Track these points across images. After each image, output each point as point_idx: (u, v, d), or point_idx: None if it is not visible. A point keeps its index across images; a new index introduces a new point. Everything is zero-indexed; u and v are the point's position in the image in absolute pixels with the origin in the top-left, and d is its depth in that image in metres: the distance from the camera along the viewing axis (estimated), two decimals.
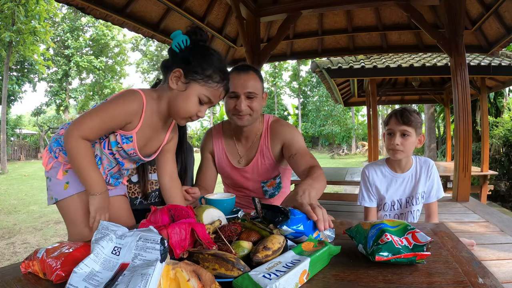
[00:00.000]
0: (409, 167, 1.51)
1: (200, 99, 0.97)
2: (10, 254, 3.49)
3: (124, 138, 0.99)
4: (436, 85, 7.35)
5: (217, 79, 0.97)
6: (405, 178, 1.51)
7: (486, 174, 5.47)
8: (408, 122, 1.40)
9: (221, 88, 0.99)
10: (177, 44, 0.95)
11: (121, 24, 3.31)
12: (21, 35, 12.20)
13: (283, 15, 3.60)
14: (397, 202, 1.52)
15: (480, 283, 0.60)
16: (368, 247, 0.71)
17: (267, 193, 1.52)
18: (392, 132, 1.44)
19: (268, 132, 1.44)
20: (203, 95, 0.97)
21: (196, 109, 0.98)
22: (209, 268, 0.61)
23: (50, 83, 22.20)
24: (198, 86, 0.96)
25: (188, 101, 0.96)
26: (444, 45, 3.11)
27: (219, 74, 0.97)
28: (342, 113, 24.18)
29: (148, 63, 28.41)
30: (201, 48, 0.98)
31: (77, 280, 0.54)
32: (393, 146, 1.42)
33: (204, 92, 0.96)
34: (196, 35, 0.97)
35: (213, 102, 1.00)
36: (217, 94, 0.99)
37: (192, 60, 0.95)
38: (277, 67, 27.83)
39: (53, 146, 1.04)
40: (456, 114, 3.06)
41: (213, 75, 0.96)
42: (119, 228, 0.64)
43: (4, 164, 11.98)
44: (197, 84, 0.95)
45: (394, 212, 1.52)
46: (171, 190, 1.15)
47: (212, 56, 0.98)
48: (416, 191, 1.49)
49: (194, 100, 0.96)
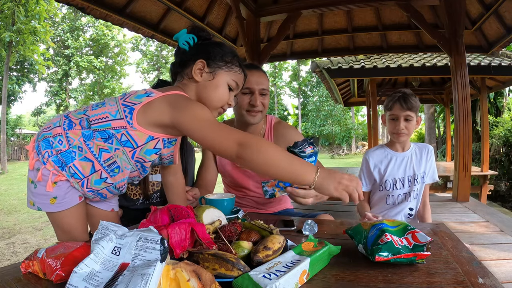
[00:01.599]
0: (408, 147, 1.58)
1: (229, 85, 0.96)
2: (10, 254, 3.49)
3: (166, 142, 0.93)
4: (436, 85, 7.35)
5: (237, 63, 0.97)
6: (405, 157, 1.56)
7: (486, 174, 5.47)
8: (412, 107, 1.46)
9: (242, 72, 0.99)
10: (185, 42, 0.95)
11: (121, 24, 3.31)
12: (21, 35, 12.19)
13: (283, 15, 3.60)
14: (399, 180, 1.55)
15: (480, 283, 0.60)
16: (368, 247, 0.71)
17: (267, 193, 1.51)
18: (396, 117, 1.50)
19: (271, 132, 1.46)
20: (231, 80, 0.96)
21: (228, 97, 0.96)
22: (209, 268, 0.61)
23: (50, 83, 22.19)
24: (224, 73, 0.95)
25: (219, 88, 0.94)
26: (444, 45, 3.11)
27: (237, 59, 0.98)
28: (342, 113, 24.18)
29: (148, 63, 28.41)
30: (212, 41, 0.99)
31: (77, 280, 0.54)
32: (398, 130, 1.49)
33: (231, 77, 0.96)
34: (203, 31, 0.98)
35: (239, 87, 0.99)
36: (241, 78, 0.99)
37: (210, 50, 0.94)
38: (277, 67, 27.82)
39: (42, 147, 0.86)
40: (456, 114, 3.06)
41: (233, 60, 0.96)
42: (119, 228, 0.64)
43: (4, 164, 11.98)
44: (222, 71, 0.94)
45: (397, 192, 1.55)
46: (174, 188, 1.13)
47: (224, 45, 0.99)
48: (418, 170, 1.54)
49: (224, 87, 0.95)
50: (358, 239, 0.76)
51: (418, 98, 1.53)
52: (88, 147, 0.86)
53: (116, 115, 0.86)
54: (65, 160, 0.86)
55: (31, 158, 0.88)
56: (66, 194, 0.89)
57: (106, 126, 0.86)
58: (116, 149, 0.87)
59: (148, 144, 0.89)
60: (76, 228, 0.93)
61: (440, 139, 12.17)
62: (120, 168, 0.91)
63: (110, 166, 0.89)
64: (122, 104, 0.87)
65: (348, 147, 24.91)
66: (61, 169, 0.86)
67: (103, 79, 22.92)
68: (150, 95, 0.87)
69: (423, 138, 11.98)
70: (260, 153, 0.74)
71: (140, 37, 25.92)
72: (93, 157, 0.87)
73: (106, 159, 0.88)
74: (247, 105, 1.33)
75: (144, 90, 0.90)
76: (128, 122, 0.85)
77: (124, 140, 0.86)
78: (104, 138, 0.86)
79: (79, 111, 0.92)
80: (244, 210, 1.33)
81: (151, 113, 0.86)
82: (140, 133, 0.86)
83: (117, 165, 0.90)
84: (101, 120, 0.86)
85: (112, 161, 0.89)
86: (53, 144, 0.86)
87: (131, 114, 0.85)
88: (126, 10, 3.23)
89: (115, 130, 0.85)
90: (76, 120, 0.89)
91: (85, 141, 0.86)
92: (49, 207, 0.89)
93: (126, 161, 0.90)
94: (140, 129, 0.86)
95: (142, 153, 0.90)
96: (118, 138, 0.86)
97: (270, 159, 0.75)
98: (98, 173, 0.89)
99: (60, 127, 0.88)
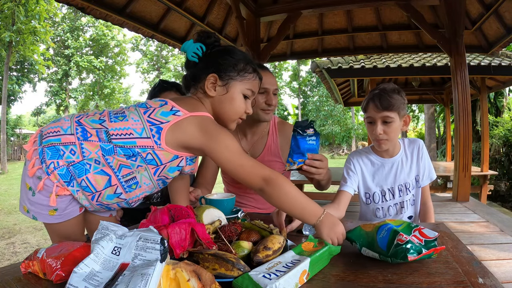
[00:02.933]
0: (398, 151, 1.36)
1: (245, 95, 0.94)
2: (10, 254, 3.49)
3: (189, 160, 0.92)
4: (436, 85, 7.34)
5: (250, 70, 0.94)
6: (394, 163, 1.35)
7: (486, 174, 5.47)
8: (389, 106, 1.21)
9: (256, 77, 0.97)
10: (193, 54, 0.92)
11: (121, 24, 3.31)
12: (21, 35, 12.19)
13: (283, 15, 3.60)
14: (389, 191, 1.36)
15: (480, 283, 0.60)
16: (383, 249, 0.70)
17: None
18: (372, 120, 1.27)
19: (275, 130, 1.49)
20: (246, 89, 0.94)
21: (244, 107, 0.95)
22: (209, 268, 0.61)
23: (50, 83, 22.19)
24: (238, 83, 0.92)
25: (234, 101, 0.93)
26: (444, 45, 3.11)
27: (250, 65, 0.95)
28: (342, 113, 24.17)
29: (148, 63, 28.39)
30: (221, 48, 0.95)
31: (77, 280, 0.54)
32: (376, 135, 1.26)
33: (246, 87, 0.94)
34: (210, 38, 0.94)
35: (255, 92, 0.98)
36: (256, 84, 0.97)
37: (221, 61, 0.91)
38: (277, 67, 27.81)
39: (47, 156, 0.80)
40: (456, 114, 3.06)
41: (246, 67, 0.93)
42: (119, 228, 0.64)
43: (4, 164, 11.98)
44: (236, 81, 0.92)
45: (388, 204, 1.36)
46: (179, 186, 1.12)
47: (234, 51, 0.96)
48: (409, 176, 1.34)
49: (240, 99, 0.93)
50: (361, 242, 0.76)
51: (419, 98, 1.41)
52: (107, 161, 0.82)
53: (142, 134, 0.82)
54: (78, 172, 0.81)
55: (32, 163, 0.81)
56: (67, 206, 0.85)
57: (131, 143, 0.82)
58: (139, 166, 0.85)
59: (172, 163, 0.88)
60: (72, 234, 0.91)
61: (440, 139, 12.17)
62: (138, 184, 0.88)
63: (128, 182, 0.86)
64: (148, 121, 0.83)
65: (348, 147, 24.92)
66: (67, 184, 0.81)
67: (103, 79, 22.90)
68: (177, 114, 0.84)
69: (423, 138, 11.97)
70: (281, 190, 0.81)
71: (140, 37, 25.93)
72: (112, 171, 0.83)
73: (125, 174, 0.85)
74: (263, 104, 1.36)
75: (165, 103, 0.86)
76: (155, 143, 0.82)
77: (149, 159, 0.84)
78: (128, 155, 0.82)
79: (93, 119, 0.85)
80: (244, 209, 1.33)
81: (180, 135, 0.84)
82: (167, 153, 0.85)
83: (136, 181, 0.87)
84: (125, 137, 0.82)
85: (131, 177, 0.86)
86: (63, 154, 0.80)
87: (159, 134, 0.82)
88: (126, 10, 3.23)
89: (141, 149, 0.82)
90: (91, 130, 0.83)
91: (103, 155, 0.81)
92: (47, 218, 0.85)
93: (147, 178, 0.88)
94: (167, 150, 0.84)
95: (166, 171, 0.89)
96: (143, 156, 0.83)
97: (289, 198, 0.82)
98: (113, 187, 0.86)
99: (73, 135, 0.82)
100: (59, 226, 0.89)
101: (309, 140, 1.02)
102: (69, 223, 0.89)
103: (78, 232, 0.94)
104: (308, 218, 0.83)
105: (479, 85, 5.96)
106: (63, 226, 0.89)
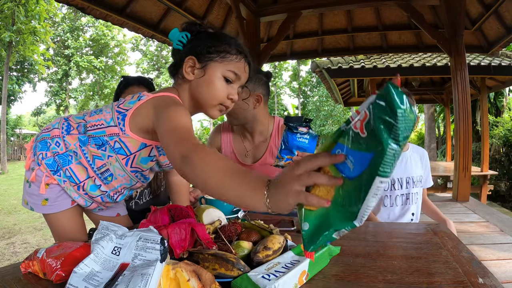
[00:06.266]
0: (407, 148, 1.57)
1: (226, 77, 0.85)
2: (10, 254, 3.49)
3: (161, 149, 0.87)
4: (436, 85, 7.35)
5: (234, 51, 0.85)
6: (404, 157, 1.54)
7: (486, 174, 5.47)
8: None
9: (242, 59, 0.87)
10: (178, 42, 0.88)
11: (121, 24, 3.32)
12: (21, 35, 12.20)
13: (283, 15, 3.60)
14: (398, 181, 1.51)
15: (480, 283, 0.60)
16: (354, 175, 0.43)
17: None
18: None
19: (278, 133, 1.46)
20: (227, 70, 0.84)
21: (226, 91, 0.86)
22: (209, 268, 0.61)
23: (50, 83, 22.19)
24: (217, 65, 0.84)
25: (212, 84, 0.84)
26: (444, 45, 3.11)
27: (235, 46, 0.86)
28: (342, 113, 24.18)
29: (148, 63, 28.39)
30: (206, 32, 0.89)
31: (77, 280, 0.54)
32: None
33: (227, 68, 0.84)
34: (195, 25, 0.89)
35: (240, 76, 0.87)
36: (241, 66, 0.87)
37: (201, 43, 0.85)
38: (277, 67, 27.80)
39: (38, 149, 0.87)
40: (456, 114, 3.06)
41: (228, 49, 0.85)
42: (119, 228, 0.64)
43: (4, 164, 11.98)
44: (216, 63, 0.84)
45: (396, 193, 1.51)
46: (178, 187, 1.12)
47: (219, 34, 0.89)
48: (416, 172, 1.52)
49: (219, 81, 0.84)
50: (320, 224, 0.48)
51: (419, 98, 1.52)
52: (83, 152, 0.86)
53: (110, 122, 0.84)
54: (62, 162, 0.86)
55: (28, 157, 0.89)
56: (58, 197, 0.88)
57: (101, 133, 0.84)
58: (109, 156, 0.85)
59: (142, 152, 0.85)
60: (70, 231, 0.92)
61: (440, 139, 12.17)
62: (113, 176, 0.88)
63: (103, 174, 0.88)
64: (116, 110, 0.84)
65: None
66: (53, 173, 0.86)
67: (103, 79, 22.90)
68: (141, 99, 0.83)
69: (423, 138, 11.97)
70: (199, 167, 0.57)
71: (140, 37, 25.91)
72: (87, 163, 0.86)
73: (99, 166, 0.87)
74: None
75: (138, 94, 0.86)
76: (121, 129, 0.82)
77: (117, 147, 0.84)
78: (98, 144, 0.84)
79: (79, 115, 0.91)
80: (243, 209, 1.33)
81: (140, 118, 0.81)
82: (133, 140, 0.83)
83: (110, 172, 0.88)
84: (97, 127, 0.85)
85: (105, 169, 0.87)
86: (50, 146, 0.86)
87: (124, 121, 0.82)
88: (126, 10, 3.23)
89: (109, 137, 0.83)
90: (74, 124, 0.88)
91: (80, 146, 0.86)
92: (41, 208, 0.89)
93: (120, 169, 0.87)
94: (132, 136, 0.82)
95: (138, 162, 0.86)
96: (111, 145, 0.84)
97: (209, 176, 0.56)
98: (92, 179, 0.88)
99: (58, 129, 0.89)
100: (55, 220, 0.92)
101: (300, 138, 0.94)
102: (63, 216, 0.91)
103: (76, 230, 0.95)
104: (249, 201, 0.51)
105: (479, 85, 5.96)
106: (58, 219, 0.92)
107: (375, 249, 0.79)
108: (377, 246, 0.82)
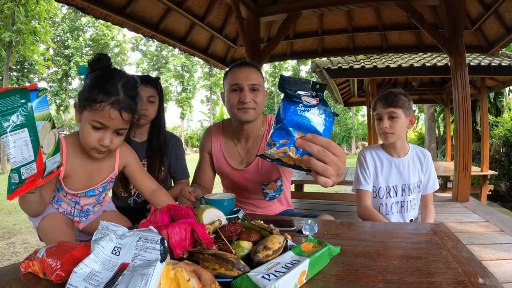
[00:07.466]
0: (406, 153, 1.50)
1: (92, 126, 0.90)
2: (10, 254, 3.49)
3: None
4: (436, 85, 7.35)
5: (99, 98, 0.88)
6: (401, 163, 1.48)
7: (486, 174, 5.47)
8: (394, 103, 1.39)
9: (106, 106, 0.88)
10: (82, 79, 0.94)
11: (121, 24, 3.31)
12: (21, 35, 12.19)
13: (283, 15, 3.60)
14: (393, 188, 1.48)
15: (480, 283, 0.60)
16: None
17: (267, 195, 1.47)
18: (380, 117, 1.44)
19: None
20: (92, 120, 0.89)
21: (94, 138, 0.91)
22: (209, 268, 0.61)
23: (50, 83, 22.21)
24: (87, 113, 0.90)
25: (84, 131, 0.92)
26: (444, 45, 3.11)
27: (102, 91, 0.88)
28: (342, 113, 24.17)
29: (148, 63, 28.39)
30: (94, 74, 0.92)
31: (77, 280, 0.54)
32: (383, 130, 1.42)
33: (91, 117, 0.89)
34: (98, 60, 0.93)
35: (107, 125, 0.91)
36: (104, 114, 0.89)
37: (82, 89, 0.91)
38: (277, 67, 27.81)
39: None
40: (456, 114, 3.06)
41: (95, 96, 0.88)
42: (119, 228, 0.64)
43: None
44: (86, 111, 0.90)
45: (391, 200, 1.48)
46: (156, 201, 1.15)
47: (101, 76, 0.91)
48: (414, 179, 1.47)
49: (87, 129, 0.91)
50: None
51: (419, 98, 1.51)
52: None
53: None
54: None
55: None
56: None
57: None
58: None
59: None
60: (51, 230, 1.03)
61: (440, 139, 12.17)
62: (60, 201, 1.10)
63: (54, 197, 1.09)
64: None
65: (348, 147, 24.91)
66: None
67: None
68: None
69: (423, 138, 11.98)
70: None
71: (140, 37, 25.93)
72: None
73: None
74: (237, 103, 1.26)
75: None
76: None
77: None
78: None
79: None
80: None
81: None
82: None
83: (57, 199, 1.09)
84: None
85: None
86: None
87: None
88: (126, 10, 3.23)
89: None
90: None
91: None
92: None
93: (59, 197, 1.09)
94: None
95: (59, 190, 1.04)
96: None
97: None
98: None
99: None
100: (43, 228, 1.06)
101: (304, 111, 0.60)
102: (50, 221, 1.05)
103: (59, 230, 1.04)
104: None
105: (479, 85, 5.96)
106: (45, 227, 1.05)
107: (375, 249, 0.78)
108: (377, 246, 0.81)
